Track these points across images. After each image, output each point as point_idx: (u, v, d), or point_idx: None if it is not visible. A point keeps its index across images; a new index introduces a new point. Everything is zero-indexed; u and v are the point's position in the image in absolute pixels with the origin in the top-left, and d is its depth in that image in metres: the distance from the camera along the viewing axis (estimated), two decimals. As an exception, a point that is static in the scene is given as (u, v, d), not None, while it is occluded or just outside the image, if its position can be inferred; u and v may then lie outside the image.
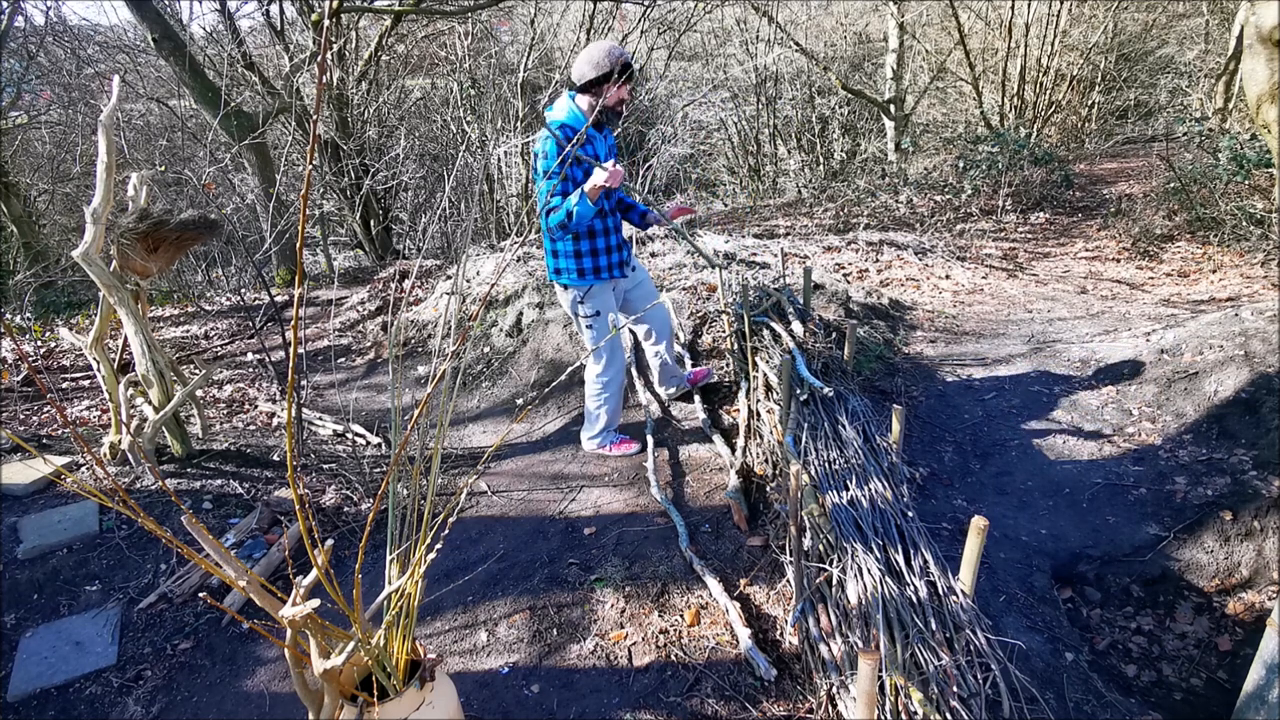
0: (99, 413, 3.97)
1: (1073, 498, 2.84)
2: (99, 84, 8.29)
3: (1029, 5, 8.80)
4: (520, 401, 4.09)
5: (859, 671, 1.33)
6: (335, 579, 1.26)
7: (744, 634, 2.11)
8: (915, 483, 2.96)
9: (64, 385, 4.45)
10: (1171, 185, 6.53)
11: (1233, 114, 8.21)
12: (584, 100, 2.59)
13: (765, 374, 3.08)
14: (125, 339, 3.01)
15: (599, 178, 2.48)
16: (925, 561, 1.78)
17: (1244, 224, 5.72)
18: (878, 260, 5.99)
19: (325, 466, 3.27)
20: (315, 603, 1.24)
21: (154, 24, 6.56)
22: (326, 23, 6.45)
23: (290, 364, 1.06)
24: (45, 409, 4.01)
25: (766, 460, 2.89)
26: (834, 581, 1.83)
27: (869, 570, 1.72)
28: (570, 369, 1.79)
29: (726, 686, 2.02)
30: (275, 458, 3.36)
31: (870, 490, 2.05)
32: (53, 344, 5.25)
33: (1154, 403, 3.29)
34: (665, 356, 3.36)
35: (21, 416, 3.94)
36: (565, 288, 2.89)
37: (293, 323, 2.70)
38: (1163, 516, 2.67)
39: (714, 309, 4.40)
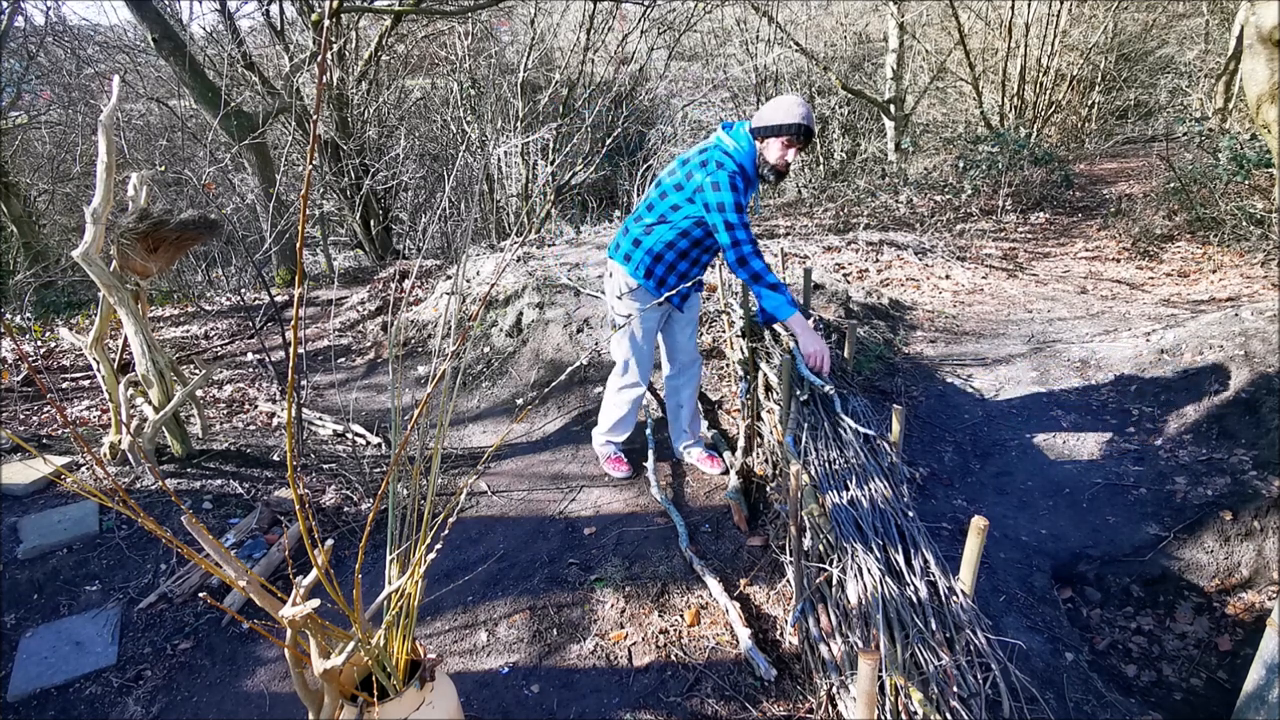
0: (99, 413, 3.97)
1: (1073, 498, 2.84)
2: (99, 84, 8.29)
3: (1029, 5, 8.80)
4: (520, 401, 4.09)
5: (859, 671, 1.33)
6: (335, 579, 1.26)
7: (744, 634, 2.11)
8: (915, 483, 2.96)
9: (64, 385, 4.45)
10: (1171, 185, 6.53)
11: (1233, 114, 8.21)
12: (758, 144, 2.44)
13: (765, 374, 3.08)
14: (125, 339, 3.01)
15: (809, 340, 2.43)
16: (925, 561, 1.78)
17: (1244, 224, 5.72)
18: (878, 260, 5.99)
19: (325, 466, 3.28)
20: (315, 603, 1.23)
21: (154, 24, 6.56)
22: (326, 23, 6.45)
23: (290, 364, 1.06)
24: (45, 409, 4.01)
25: (766, 460, 2.88)
26: (834, 581, 1.83)
27: (869, 570, 1.72)
28: (570, 369, 1.79)
29: (726, 686, 2.02)
30: (275, 458, 3.36)
31: (870, 490, 2.05)
32: (53, 344, 5.25)
33: (1154, 403, 3.29)
34: (685, 403, 3.06)
35: (21, 416, 3.94)
36: (631, 282, 2.70)
37: (293, 323, 2.70)
38: (1163, 516, 2.67)
39: (713, 309, 4.40)
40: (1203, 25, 10.60)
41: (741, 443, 3.05)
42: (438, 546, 1.36)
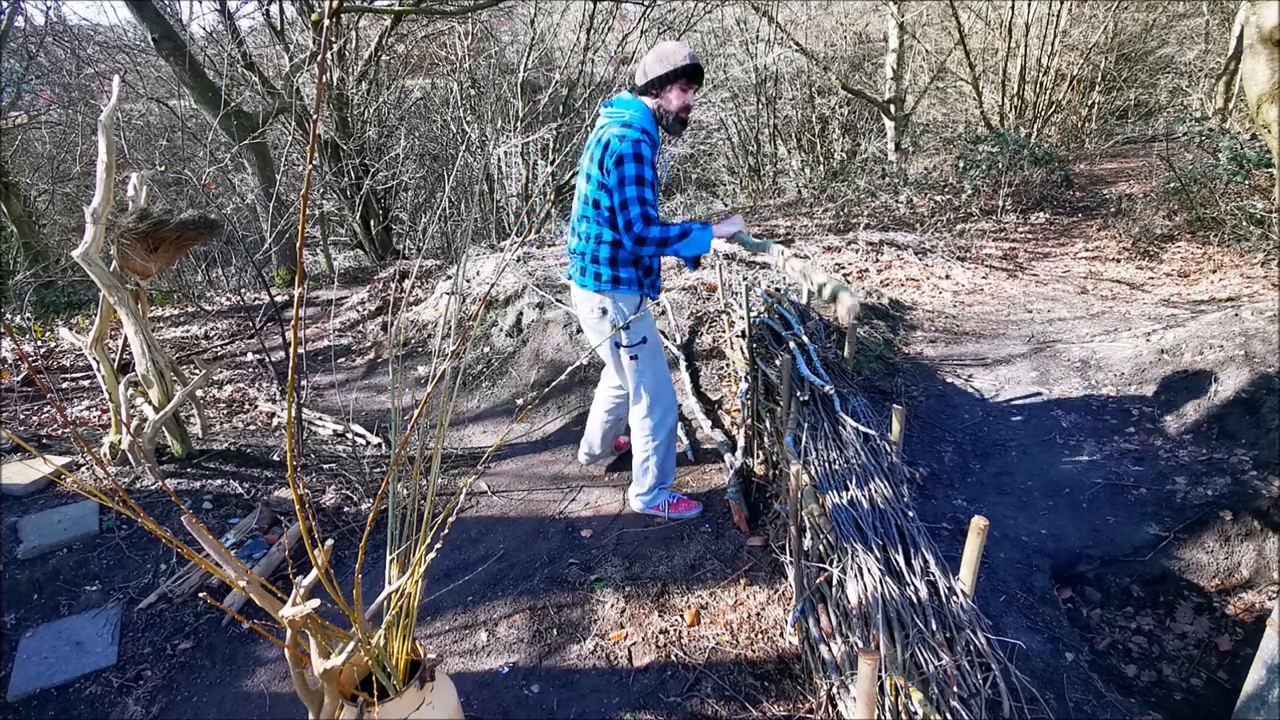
0: (99, 413, 3.97)
1: (1073, 498, 2.84)
2: (99, 84, 8.29)
3: (1029, 5, 8.79)
4: (520, 402, 4.09)
5: (859, 672, 1.33)
6: (335, 579, 1.26)
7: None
8: (915, 483, 2.96)
9: (64, 385, 4.45)
10: (1171, 185, 6.53)
11: (1233, 114, 8.21)
12: (650, 101, 2.33)
13: (765, 374, 3.08)
14: (125, 339, 3.01)
15: (728, 228, 2.37)
16: (925, 561, 1.78)
17: (1244, 224, 5.71)
18: (878, 260, 5.99)
19: (325, 466, 3.27)
20: (315, 603, 1.23)
21: (154, 24, 6.56)
22: (326, 23, 6.45)
23: (290, 364, 1.06)
24: (45, 409, 4.01)
25: (766, 460, 2.88)
26: (834, 581, 1.83)
27: (869, 570, 1.72)
28: (570, 369, 1.79)
29: (726, 686, 2.01)
30: (275, 458, 3.36)
31: (870, 490, 2.05)
32: (53, 344, 5.25)
33: (1154, 403, 3.29)
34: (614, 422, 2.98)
35: (21, 416, 3.94)
36: (605, 299, 2.46)
37: (293, 323, 2.70)
38: (1163, 516, 2.67)
39: (713, 309, 4.40)
40: (1203, 25, 10.60)
41: (741, 443, 3.05)
42: (438, 546, 1.36)
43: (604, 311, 2.47)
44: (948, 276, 5.71)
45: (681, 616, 2.29)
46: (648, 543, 2.64)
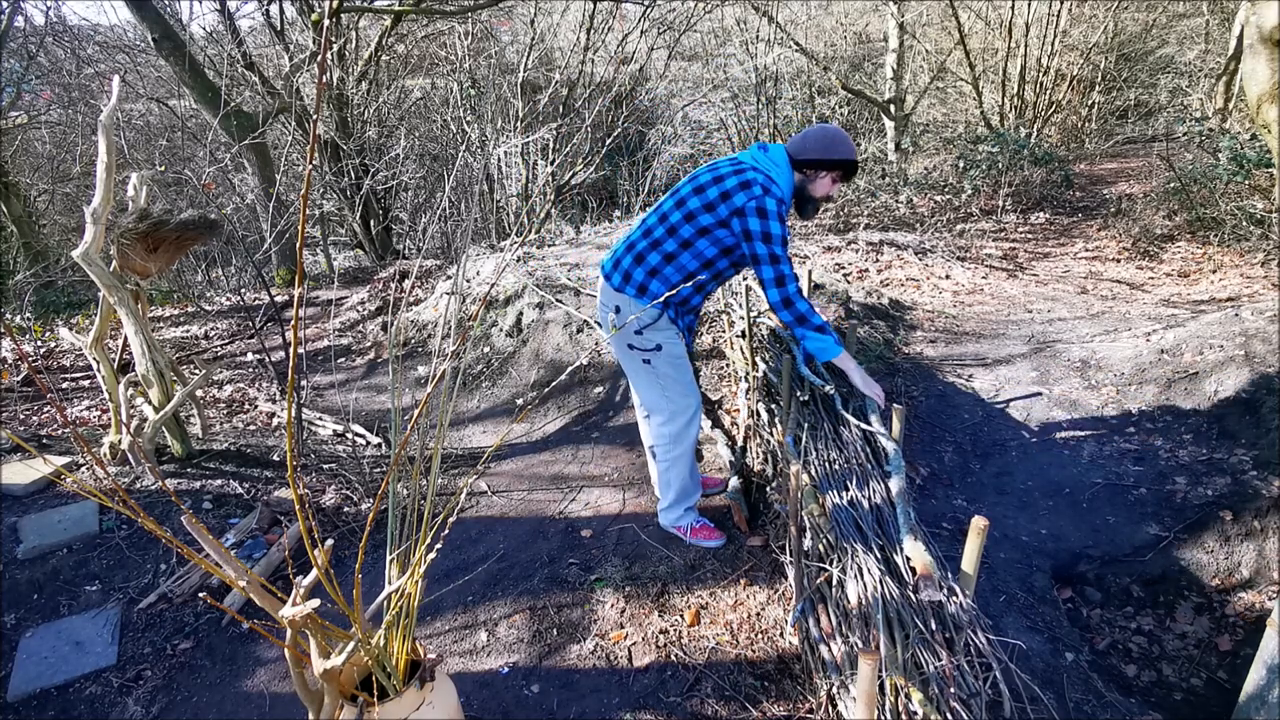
0: (99, 413, 3.97)
1: (1073, 498, 2.84)
2: (99, 84, 8.29)
3: (1029, 5, 8.79)
4: (520, 402, 4.09)
5: (859, 672, 1.33)
6: (335, 579, 1.26)
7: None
8: (915, 483, 2.96)
9: (64, 385, 4.45)
10: (1171, 185, 6.53)
11: (1233, 114, 8.21)
12: (798, 177, 2.29)
13: (765, 374, 3.08)
14: (125, 339, 3.01)
15: (864, 381, 2.41)
16: (925, 561, 1.78)
17: (1244, 224, 5.71)
18: (878, 260, 5.98)
19: (325, 466, 3.28)
20: (315, 603, 1.23)
21: (154, 24, 6.56)
22: (326, 23, 6.45)
23: (290, 364, 1.06)
24: (45, 409, 4.01)
25: (766, 460, 2.88)
26: (834, 581, 1.83)
27: (869, 570, 1.72)
28: (570, 369, 1.79)
29: (726, 686, 2.01)
30: (275, 458, 3.36)
31: (870, 491, 2.05)
32: (53, 344, 5.25)
33: (1154, 403, 3.29)
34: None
35: (21, 416, 3.94)
36: (619, 299, 2.36)
37: (293, 323, 2.70)
38: (1163, 516, 2.66)
39: (713, 309, 4.40)
40: (1203, 25, 10.60)
41: (741, 443, 3.05)
42: (438, 546, 1.36)
43: (617, 310, 2.37)
44: (948, 276, 5.71)
45: (681, 616, 2.29)
46: (648, 543, 2.64)
